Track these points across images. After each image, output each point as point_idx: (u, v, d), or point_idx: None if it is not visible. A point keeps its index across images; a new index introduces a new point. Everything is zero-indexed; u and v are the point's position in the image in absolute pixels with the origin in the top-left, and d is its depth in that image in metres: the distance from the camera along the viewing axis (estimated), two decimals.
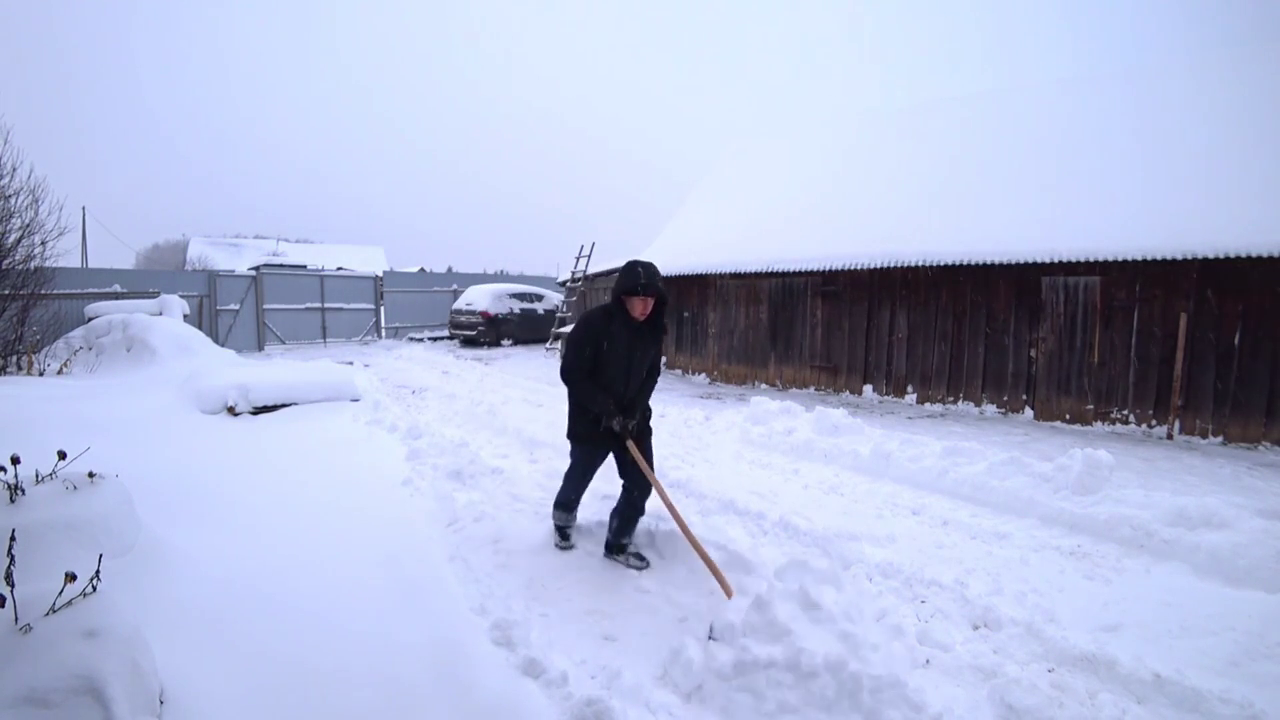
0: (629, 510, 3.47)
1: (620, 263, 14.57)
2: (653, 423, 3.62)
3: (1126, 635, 2.80)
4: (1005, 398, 8.14)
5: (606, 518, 3.98)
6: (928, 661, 2.61)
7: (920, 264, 8.30)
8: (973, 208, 8.62)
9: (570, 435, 3.50)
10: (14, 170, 7.49)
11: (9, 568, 1.72)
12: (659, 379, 3.67)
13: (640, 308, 3.19)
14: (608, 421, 3.24)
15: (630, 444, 3.26)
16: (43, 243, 7.87)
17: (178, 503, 3.58)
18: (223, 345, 11.71)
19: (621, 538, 3.53)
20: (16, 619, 1.66)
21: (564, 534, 3.71)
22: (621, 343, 3.25)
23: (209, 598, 2.66)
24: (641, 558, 3.52)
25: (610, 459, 3.56)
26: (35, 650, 1.61)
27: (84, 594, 1.80)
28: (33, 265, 7.81)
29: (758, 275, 10.48)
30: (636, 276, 3.16)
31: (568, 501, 3.65)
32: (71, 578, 1.75)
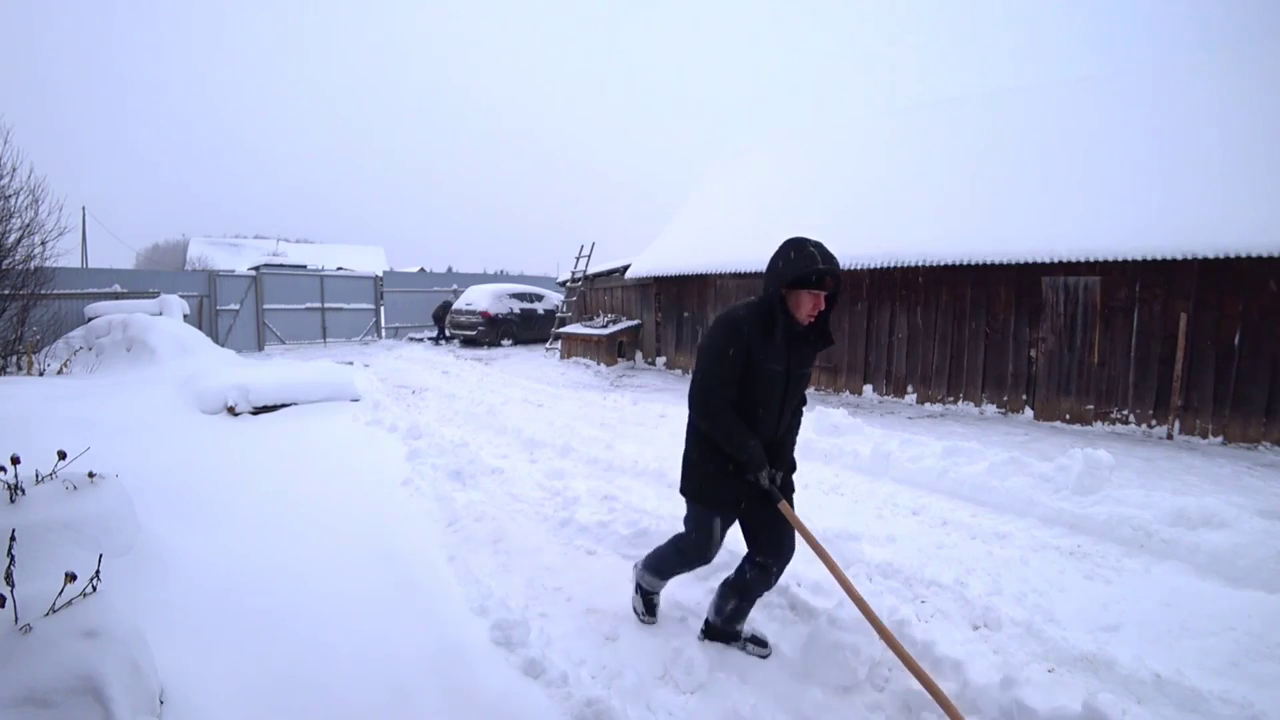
0: (755, 589, 2.57)
1: (621, 262, 14.56)
2: (652, 423, 3.22)
3: (1126, 635, 2.80)
4: (1005, 398, 8.14)
5: (608, 517, 3.98)
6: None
7: (920, 264, 8.30)
8: (972, 208, 8.61)
9: (693, 493, 2.48)
10: (14, 170, 7.50)
11: (9, 568, 1.72)
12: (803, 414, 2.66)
13: (810, 305, 2.24)
14: (754, 473, 2.29)
15: (784, 505, 2.37)
16: (43, 243, 7.89)
17: (178, 503, 3.58)
18: (223, 345, 11.72)
19: (736, 623, 2.65)
20: (16, 619, 1.66)
21: (650, 604, 2.83)
22: (779, 358, 2.28)
23: (209, 597, 2.66)
24: (762, 643, 2.68)
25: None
26: (35, 650, 1.61)
27: (84, 594, 1.80)
28: (33, 265, 7.82)
29: (757, 275, 10.46)
30: (810, 260, 2.17)
31: (666, 572, 2.75)
32: (71, 578, 1.75)
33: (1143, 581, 3.37)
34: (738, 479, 2.35)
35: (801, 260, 2.19)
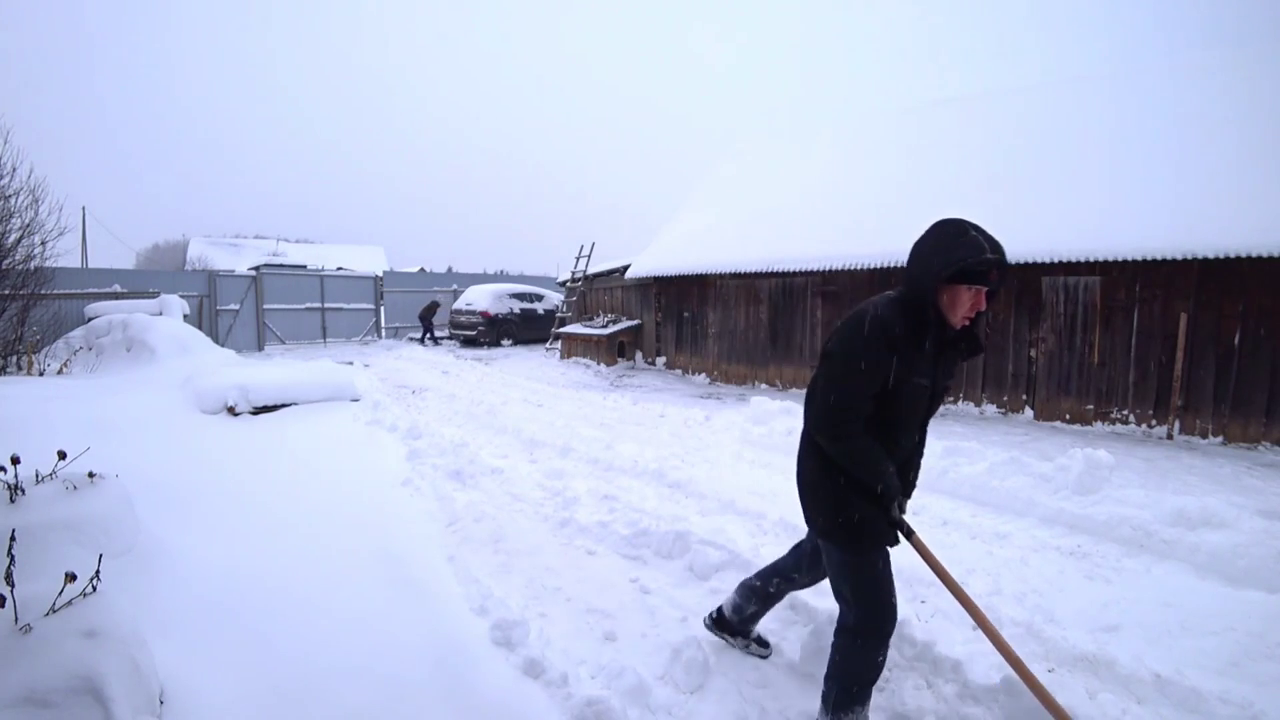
0: (778, 600, 2.57)
1: (621, 262, 14.56)
2: (652, 423, 3.03)
3: (1126, 635, 2.80)
4: (1005, 398, 8.14)
5: (608, 517, 3.98)
6: None
7: None
8: (972, 207, 8.60)
9: (843, 535, 1.98)
10: (14, 170, 7.49)
11: (9, 568, 1.72)
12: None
13: (970, 305, 1.86)
14: (889, 503, 1.95)
15: (918, 541, 2.02)
16: (43, 243, 7.88)
17: (178, 503, 3.58)
18: (223, 345, 11.71)
19: (751, 624, 2.61)
20: (16, 619, 1.66)
21: None
22: (927, 369, 1.91)
23: (209, 598, 2.66)
24: (765, 644, 2.64)
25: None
26: (35, 650, 1.61)
27: (84, 594, 1.80)
28: (33, 265, 7.81)
29: (758, 275, 10.48)
30: (976, 248, 1.80)
31: (872, 682, 2.05)
32: (71, 578, 1.75)
33: (1143, 581, 3.37)
34: (879, 506, 1.96)
35: (966, 248, 1.79)
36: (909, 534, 2.01)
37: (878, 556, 2.01)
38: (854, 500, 1.95)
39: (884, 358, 1.83)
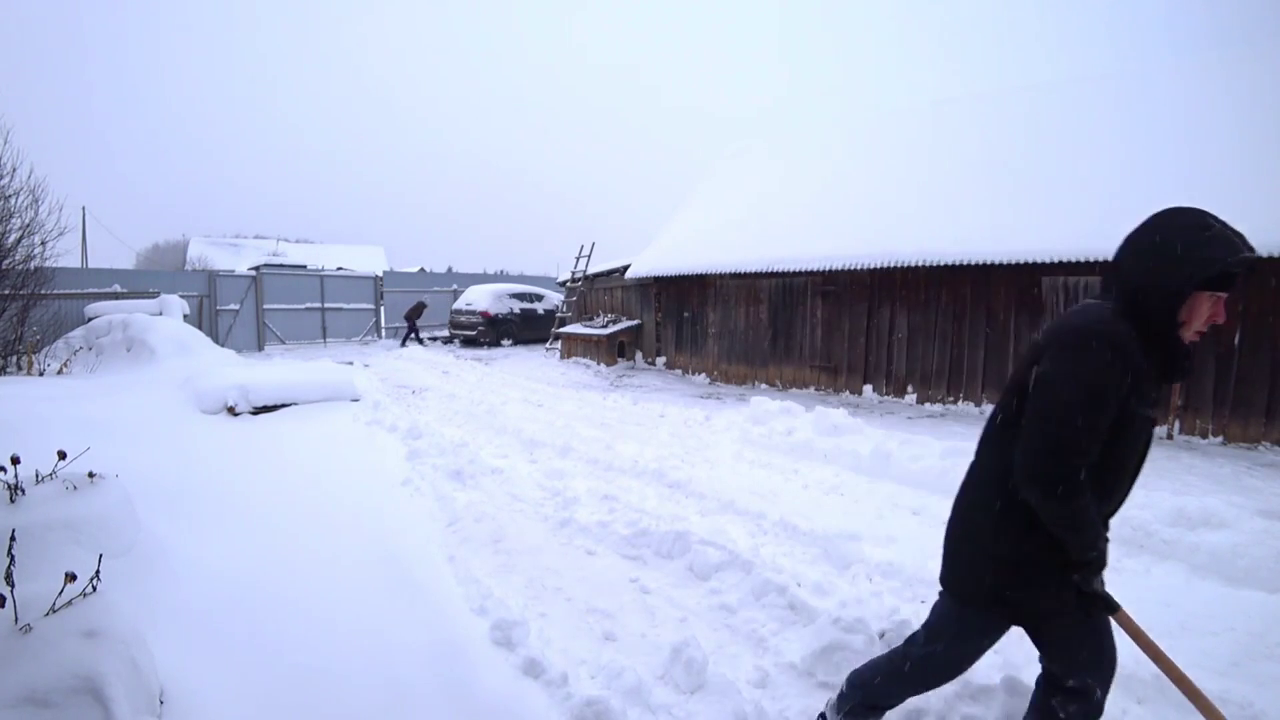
0: (1058, 710, 1.77)
1: (621, 262, 14.57)
2: (652, 423, 2.85)
3: (1126, 635, 2.80)
4: None
5: (608, 517, 3.97)
6: None
7: (920, 264, 8.30)
8: (973, 208, 8.61)
9: (989, 597, 1.69)
10: (14, 170, 7.49)
11: (9, 568, 1.72)
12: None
13: (1209, 315, 1.55)
14: (1091, 574, 1.60)
15: (1124, 614, 1.68)
16: (43, 243, 7.88)
17: (178, 503, 3.58)
18: (223, 345, 11.72)
19: None
20: (16, 619, 1.66)
21: None
22: (1148, 398, 1.53)
23: (209, 598, 2.66)
24: None
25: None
26: (35, 650, 1.61)
27: (84, 594, 1.80)
28: (33, 265, 7.81)
29: (758, 275, 10.48)
30: (1230, 245, 1.48)
31: (889, 703, 1.99)
32: (71, 578, 1.75)
33: (1143, 582, 3.37)
34: (1067, 580, 1.60)
35: (1217, 245, 1.46)
36: (1115, 609, 1.63)
37: (1000, 631, 1.78)
38: (1036, 570, 1.60)
39: (1120, 387, 1.45)
